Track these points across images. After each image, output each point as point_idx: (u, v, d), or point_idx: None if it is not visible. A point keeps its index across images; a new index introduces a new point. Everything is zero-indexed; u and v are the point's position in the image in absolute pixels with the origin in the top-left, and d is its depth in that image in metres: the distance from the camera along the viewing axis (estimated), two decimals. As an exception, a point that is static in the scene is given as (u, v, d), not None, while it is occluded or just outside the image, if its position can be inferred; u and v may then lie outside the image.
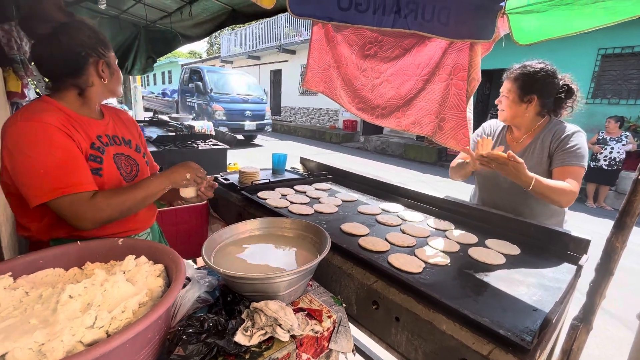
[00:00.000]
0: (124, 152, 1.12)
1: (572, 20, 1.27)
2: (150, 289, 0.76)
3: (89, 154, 0.99)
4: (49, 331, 0.60)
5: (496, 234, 1.43)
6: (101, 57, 1.02)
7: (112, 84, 1.07)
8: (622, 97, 6.73)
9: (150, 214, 1.24)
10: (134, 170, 1.14)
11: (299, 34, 14.47)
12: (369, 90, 2.04)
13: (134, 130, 1.25)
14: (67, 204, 0.90)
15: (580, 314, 0.99)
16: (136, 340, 0.63)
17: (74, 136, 0.96)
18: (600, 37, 6.62)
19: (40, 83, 3.49)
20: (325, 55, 2.14)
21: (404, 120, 1.89)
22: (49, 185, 0.88)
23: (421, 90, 1.79)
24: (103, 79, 1.03)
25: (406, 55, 1.85)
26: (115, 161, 1.07)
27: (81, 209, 0.91)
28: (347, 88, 2.13)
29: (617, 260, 0.93)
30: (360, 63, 2.05)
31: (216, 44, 27.50)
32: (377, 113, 2.02)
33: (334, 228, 1.45)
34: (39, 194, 0.88)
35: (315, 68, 2.17)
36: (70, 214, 0.91)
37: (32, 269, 0.82)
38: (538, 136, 1.55)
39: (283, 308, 0.90)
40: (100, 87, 1.05)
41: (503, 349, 0.78)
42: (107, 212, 0.94)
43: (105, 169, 1.02)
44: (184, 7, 3.23)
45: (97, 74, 1.02)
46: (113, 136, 1.11)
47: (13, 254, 1.98)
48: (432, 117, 1.75)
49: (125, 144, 1.15)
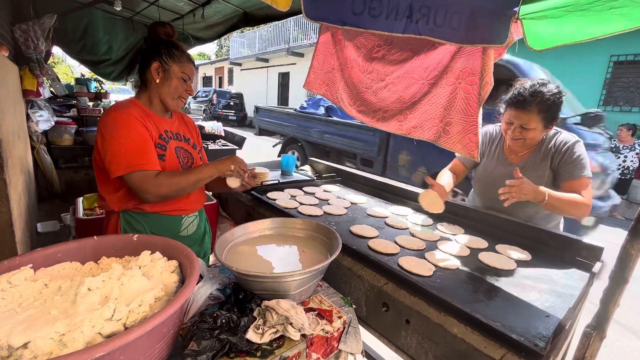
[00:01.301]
0: (183, 147, 1.35)
1: (586, 26, 1.26)
2: (165, 284, 0.78)
3: (157, 143, 1.22)
4: (69, 322, 0.61)
5: (507, 240, 1.42)
6: (162, 62, 1.22)
7: (164, 88, 1.24)
8: (634, 104, 6.63)
9: (200, 200, 1.43)
10: (190, 161, 1.36)
11: (307, 37, 14.56)
12: (372, 94, 2.04)
13: (194, 132, 1.48)
14: (137, 178, 1.11)
15: (594, 322, 0.97)
16: (152, 334, 0.64)
17: (148, 127, 1.20)
18: (612, 44, 6.55)
19: (54, 82, 3.56)
20: (330, 58, 2.15)
21: (406, 124, 1.88)
22: (127, 162, 1.11)
23: (426, 93, 1.79)
24: (156, 80, 1.23)
25: (414, 58, 1.85)
26: (176, 152, 1.30)
27: (146, 184, 1.12)
28: (349, 90, 2.14)
29: (632, 267, 0.91)
30: (367, 65, 2.05)
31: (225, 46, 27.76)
32: (379, 116, 2.02)
33: (343, 230, 1.45)
34: (119, 168, 1.11)
35: (319, 70, 2.19)
36: (139, 187, 1.12)
37: (51, 261, 0.84)
38: (539, 148, 1.52)
39: (294, 307, 0.90)
40: (155, 86, 1.24)
41: (516, 354, 0.77)
42: (165, 189, 1.15)
43: (168, 156, 1.24)
44: (197, 9, 3.28)
45: (153, 74, 1.22)
46: (176, 133, 1.34)
47: (26, 248, 2.02)
48: (435, 121, 1.74)
49: (185, 140, 1.37)
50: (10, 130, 1.98)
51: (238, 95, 16.59)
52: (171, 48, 1.24)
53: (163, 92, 1.25)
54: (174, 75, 1.24)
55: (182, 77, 1.26)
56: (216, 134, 3.95)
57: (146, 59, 1.23)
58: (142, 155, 1.14)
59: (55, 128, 3.54)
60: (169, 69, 1.23)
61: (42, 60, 3.09)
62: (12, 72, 2.39)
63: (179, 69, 1.25)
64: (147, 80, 1.25)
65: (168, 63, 1.23)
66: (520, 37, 1.42)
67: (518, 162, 1.56)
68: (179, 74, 1.25)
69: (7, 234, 1.73)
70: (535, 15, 1.33)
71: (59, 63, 16.44)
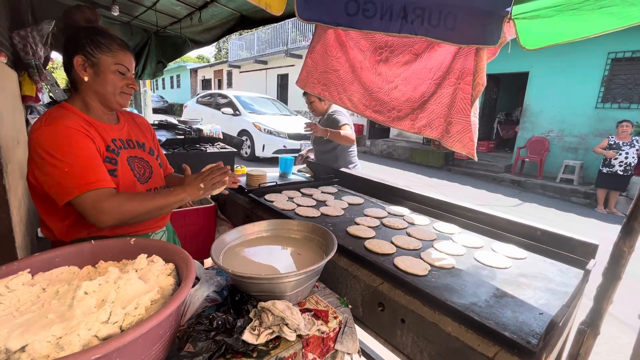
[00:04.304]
0: (137, 155, 1.16)
1: (578, 25, 1.28)
2: (161, 287, 0.79)
3: (105, 156, 1.04)
4: (66, 325, 0.62)
5: (502, 238, 1.43)
6: (86, 55, 1.01)
7: (97, 86, 1.04)
8: (632, 101, 6.63)
9: (167, 215, 1.29)
10: (147, 172, 1.18)
11: (306, 38, 14.60)
12: (385, 94, 2.07)
13: (148, 134, 1.29)
14: (90, 200, 0.93)
15: (588, 319, 0.98)
16: (148, 336, 0.65)
17: (93, 138, 1.01)
18: (610, 41, 6.55)
19: (53, 87, 3.58)
20: (328, 59, 2.16)
21: (417, 123, 1.91)
22: (74, 183, 0.93)
23: (433, 93, 1.82)
24: (84, 78, 1.03)
25: (417, 59, 1.87)
26: (129, 163, 1.11)
27: (104, 205, 0.94)
28: (362, 92, 2.16)
29: (624, 264, 0.92)
30: (375, 67, 2.08)
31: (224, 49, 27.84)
32: (394, 116, 2.05)
33: (340, 230, 1.46)
34: (65, 191, 0.93)
35: (313, 69, 2.19)
36: (93, 210, 0.94)
37: (49, 266, 0.85)
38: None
39: (290, 308, 0.91)
40: (86, 86, 1.04)
41: (509, 351, 0.78)
42: (125, 211, 0.98)
43: (120, 170, 1.07)
44: (194, 13, 3.29)
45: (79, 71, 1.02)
46: (127, 140, 1.16)
47: (26, 253, 2.03)
48: (441, 120, 1.77)
49: (139, 147, 1.19)
50: (9, 136, 2.00)
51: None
52: (95, 36, 1.01)
53: (98, 91, 1.05)
54: (105, 68, 1.03)
55: (118, 69, 1.05)
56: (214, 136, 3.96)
57: (67, 54, 1.02)
58: (91, 172, 0.95)
59: (54, 133, 3.56)
60: (98, 62, 1.02)
61: (41, 66, 3.11)
62: (11, 78, 2.41)
63: (111, 60, 1.03)
64: (75, 81, 1.04)
65: (95, 55, 1.01)
66: (513, 37, 1.43)
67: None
68: (112, 67, 1.04)
69: (7, 239, 1.74)
70: (528, 15, 1.34)
71: (58, 68, 16.48)
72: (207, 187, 1.10)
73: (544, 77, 7.83)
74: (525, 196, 6.79)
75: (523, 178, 7.55)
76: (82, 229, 1.04)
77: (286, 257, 1.17)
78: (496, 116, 10.72)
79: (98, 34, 1.03)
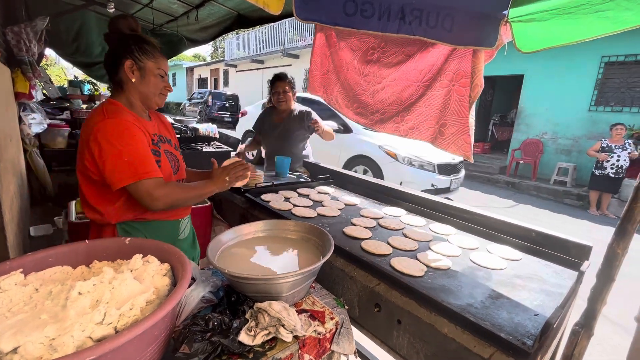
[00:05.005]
0: (168, 149, 1.30)
1: (574, 29, 1.29)
2: (157, 288, 0.78)
3: (151, 149, 1.17)
4: (59, 326, 0.61)
5: (498, 239, 1.44)
6: (135, 60, 1.15)
7: (143, 87, 1.18)
8: (625, 104, 6.72)
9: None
10: (176, 165, 1.31)
11: (302, 38, 14.58)
12: (370, 96, 2.06)
13: (171, 131, 1.43)
14: (145, 187, 1.08)
15: (582, 320, 0.99)
16: (144, 337, 0.64)
17: (144, 132, 1.15)
18: (604, 45, 6.63)
19: (47, 84, 3.54)
20: (325, 60, 2.17)
21: (403, 126, 1.90)
22: (132, 171, 1.06)
23: (422, 95, 1.82)
24: (132, 79, 1.16)
25: (409, 61, 1.87)
26: (167, 156, 1.25)
27: (157, 192, 1.09)
28: (345, 93, 2.16)
29: (618, 266, 0.93)
30: (363, 68, 2.07)
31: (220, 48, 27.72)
32: (377, 118, 2.04)
33: (336, 231, 1.46)
34: (124, 177, 1.06)
35: (317, 73, 2.20)
36: (147, 196, 1.08)
37: (42, 266, 0.83)
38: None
39: (286, 309, 0.91)
40: (132, 87, 1.18)
41: (504, 352, 0.78)
42: (173, 198, 1.13)
43: (162, 162, 1.21)
44: (190, 11, 3.28)
45: (127, 73, 1.15)
46: (160, 135, 1.29)
47: (19, 252, 2.00)
48: (431, 122, 1.77)
49: (167, 142, 1.32)
50: (2, 133, 1.97)
51: (233, 97, 16.55)
52: (142, 44, 1.16)
53: (143, 92, 1.19)
54: (149, 72, 1.18)
55: (159, 73, 1.20)
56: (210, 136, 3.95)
57: (116, 57, 1.15)
58: (147, 162, 1.10)
59: (48, 131, 3.51)
60: (144, 66, 1.16)
61: (35, 62, 3.07)
62: (4, 75, 2.37)
63: (154, 65, 1.18)
64: (121, 81, 1.18)
65: (142, 60, 1.16)
66: (509, 40, 1.44)
67: None
68: (155, 71, 1.19)
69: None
70: (524, 18, 1.35)
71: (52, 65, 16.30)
72: (231, 180, 1.26)
73: (538, 79, 7.91)
74: (520, 197, 6.85)
75: (517, 180, 7.62)
76: (128, 211, 1.18)
77: (283, 257, 1.16)
78: (491, 118, 10.80)
79: (145, 42, 1.18)
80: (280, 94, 2.52)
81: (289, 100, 2.57)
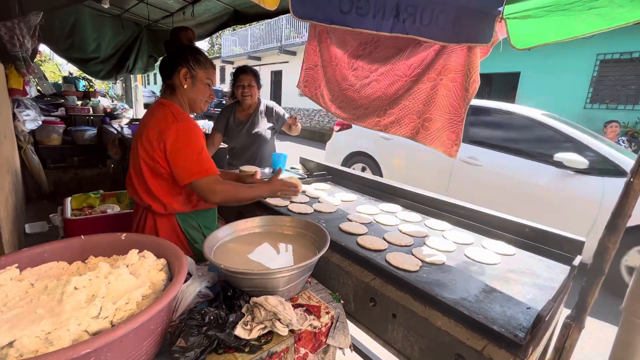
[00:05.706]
0: None
1: (568, 25, 1.30)
2: (153, 282, 0.78)
3: None
4: (55, 320, 0.62)
5: (492, 234, 1.45)
6: (189, 68, 1.28)
7: (192, 93, 1.32)
8: (620, 102, 6.77)
9: None
10: None
11: (299, 35, 14.52)
12: (355, 91, 2.05)
13: None
14: (206, 183, 1.22)
15: (573, 313, 1.01)
16: (139, 331, 0.64)
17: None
18: (599, 43, 6.67)
19: (41, 81, 3.50)
20: (313, 55, 2.16)
21: (384, 120, 1.88)
22: (198, 168, 1.21)
23: (408, 89, 1.80)
24: (184, 85, 1.29)
25: (400, 55, 1.86)
26: None
27: (216, 187, 1.22)
28: (330, 87, 2.15)
29: (608, 260, 0.95)
30: (352, 62, 2.06)
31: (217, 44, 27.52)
32: (359, 113, 2.02)
33: (333, 227, 1.47)
34: (191, 173, 1.21)
35: (303, 67, 2.20)
36: (209, 190, 1.22)
37: (37, 261, 0.84)
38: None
39: (282, 303, 0.91)
40: (183, 91, 1.30)
41: (497, 344, 0.80)
42: (229, 195, 1.25)
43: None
44: (186, 7, 3.25)
45: (181, 79, 1.29)
46: None
47: (13, 249, 1.99)
48: (413, 117, 1.75)
49: None
50: (-5, 130, 1.96)
51: (230, 94, 16.47)
52: (197, 55, 1.31)
53: (192, 98, 1.32)
54: (200, 81, 1.31)
55: (207, 82, 1.33)
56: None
57: (173, 64, 1.29)
58: (209, 161, 1.25)
59: (42, 127, 3.49)
60: (196, 75, 1.30)
61: (29, 58, 3.04)
62: (-3, 71, 2.35)
63: (204, 74, 1.32)
64: (174, 85, 1.31)
65: (195, 69, 1.29)
66: (504, 37, 1.45)
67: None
68: (205, 80, 1.32)
69: (-7, 235, 1.71)
70: (519, 15, 1.36)
71: (47, 61, 16.11)
72: (281, 195, 1.38)
73: (534, 77, 7.94)
74: (515, 194, 6.88)
75: (513, 177, 7.65)
76: (188, 204, 1.34)
77: (279, 253, 1.17)
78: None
79: (199, 53, 1.32)
80: (245, 87, 2.33)
81: (255, 94, 2.39)
